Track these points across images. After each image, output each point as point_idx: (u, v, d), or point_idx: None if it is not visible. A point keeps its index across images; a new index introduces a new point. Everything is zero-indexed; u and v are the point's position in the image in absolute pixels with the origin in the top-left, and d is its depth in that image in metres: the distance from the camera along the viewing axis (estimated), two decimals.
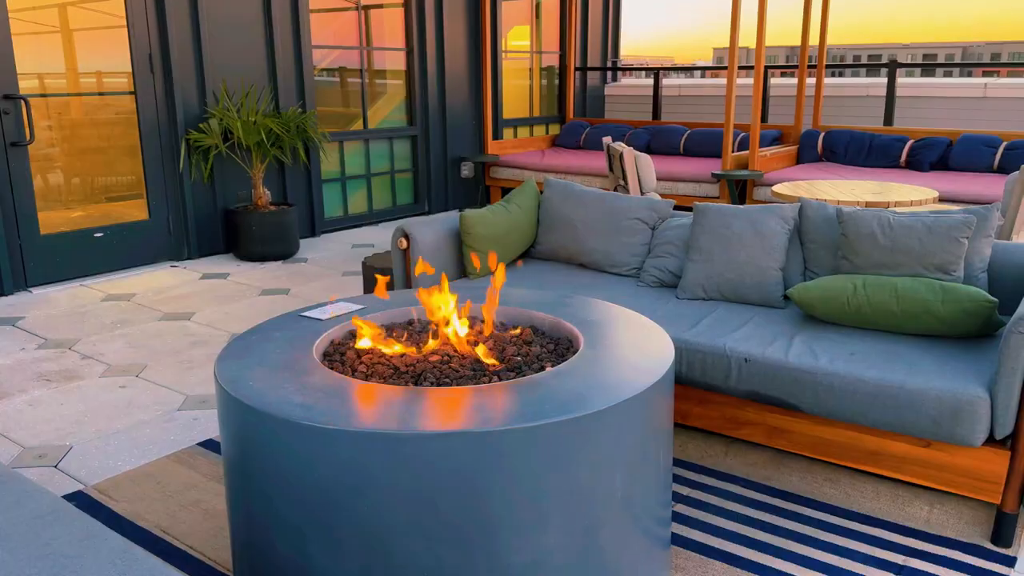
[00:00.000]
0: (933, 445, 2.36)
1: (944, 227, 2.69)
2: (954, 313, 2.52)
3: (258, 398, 1.75)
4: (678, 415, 2.82)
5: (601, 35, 9.52)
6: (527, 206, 3.68)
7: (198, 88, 5.70)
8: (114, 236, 5.42)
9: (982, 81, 7.46)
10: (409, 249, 3.37)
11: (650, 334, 2.16)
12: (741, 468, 2.74)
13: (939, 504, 2.51)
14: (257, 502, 1.79)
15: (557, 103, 9.21)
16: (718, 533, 2.36)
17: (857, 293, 2.64)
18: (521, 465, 1.63)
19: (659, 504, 1.97)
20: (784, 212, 3.04)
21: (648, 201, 3.53)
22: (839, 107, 8.01)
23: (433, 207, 7.76)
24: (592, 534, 1.75)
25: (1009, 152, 6.31)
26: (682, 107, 9.05)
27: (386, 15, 7.16)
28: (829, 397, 2.43)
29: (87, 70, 5.25)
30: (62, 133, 5.16)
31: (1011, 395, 2.20)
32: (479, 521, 1.64)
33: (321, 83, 6.70)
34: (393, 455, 1.61)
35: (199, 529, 2.41)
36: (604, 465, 1.74)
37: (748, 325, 2.78)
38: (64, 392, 3.45)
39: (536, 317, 2.37)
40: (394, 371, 1.98)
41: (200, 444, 2.96)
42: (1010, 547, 2.30)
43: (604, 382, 1.83)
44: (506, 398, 1.74)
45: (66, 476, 2.74)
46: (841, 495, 2.57)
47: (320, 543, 1.70)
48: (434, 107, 7.57)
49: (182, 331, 4.24)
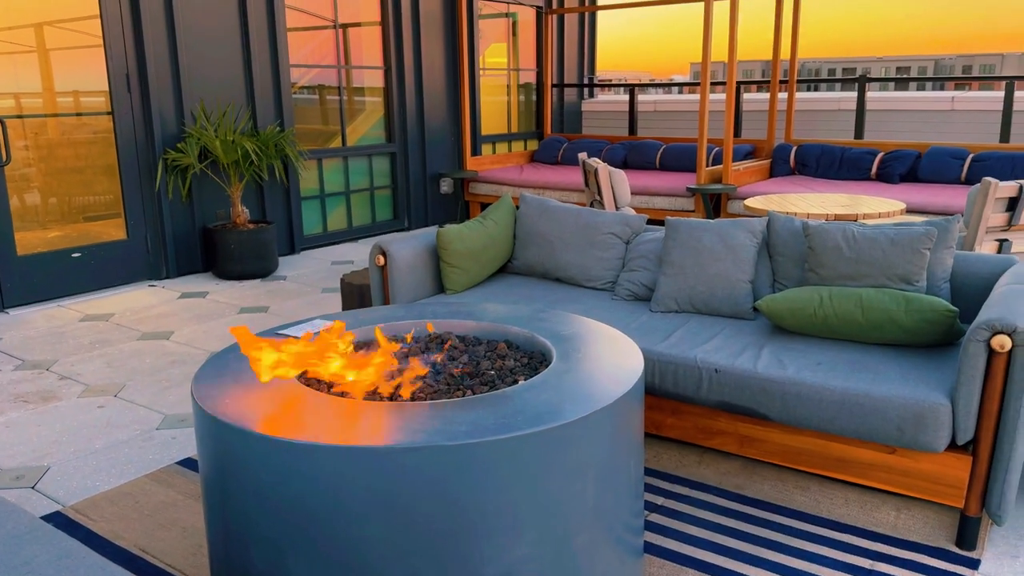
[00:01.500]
0: (898, 451, 2.43)
1: (906, 239, 2.77)
2: (917, 323, 2.59)
3: (234, 414, 1.78)
4: (653, 426, 2.87)
5: (577, 52, 9.64)
6: (503, 222, 3.74)
7: (176, 107, 5.72)
8: (92, 256, 5.41)
9: (950, 95, 7.63)
10: (387, 266, 3.41)
11: (621, 346, 2.21)
12: (714, 477, 2.79)
13: (906, 509, 2.57)
14: (235, 518, 1.81)
15: (535, 119, 9.30)
16: (691, 541, 2.41)
17: (824, 304, 2.71)
18: (494, 476, 1.67)
19: (631, 513, 2.01)
20: (753, 226, 3.12)
21: (622, 216, 3.60)
22: (811, 121, 8.16)
23: (413, 223, 7.80)
24: (565, 543, 1.79)
25: (976, 164, 6.46)
26: (658, 122, 9.18)
27: (364, 33, 7.22)
28: (797, 405, 2.49)
29: (64, 90, 5.26)
30: (39, 153, 5.15)
31: (971, 401, 2.27)
32: (453, 532, 1.67)
33: (300, 101, 6.74)
34: (368, 469, 1.64)
35: (177, 547, 2.42)
36: (576, 475, 1.78)
37: (719, 337, 2.84)
38: (41, 413, 3.45)
39: (511, 331, 2.42)
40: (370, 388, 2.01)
41: (178, 463, 2.97)
42: (974, 550, 2.36)
43: (575, 394, 1.88)
44: (479, 411, 1.78)
45: (44, 497, 2.74)
46: (811, 502, 2.63)
47: (297, 557, 1.72)
48: (413, 124, 7.63)
49: (160, 350, 4.24)
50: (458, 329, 2.48)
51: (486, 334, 2.45)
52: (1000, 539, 2.41)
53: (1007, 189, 3.48)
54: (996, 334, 2.20)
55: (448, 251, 3.48)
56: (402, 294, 3.43)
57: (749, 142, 7.82)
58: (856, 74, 44.34)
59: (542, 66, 9.01)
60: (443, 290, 3.59)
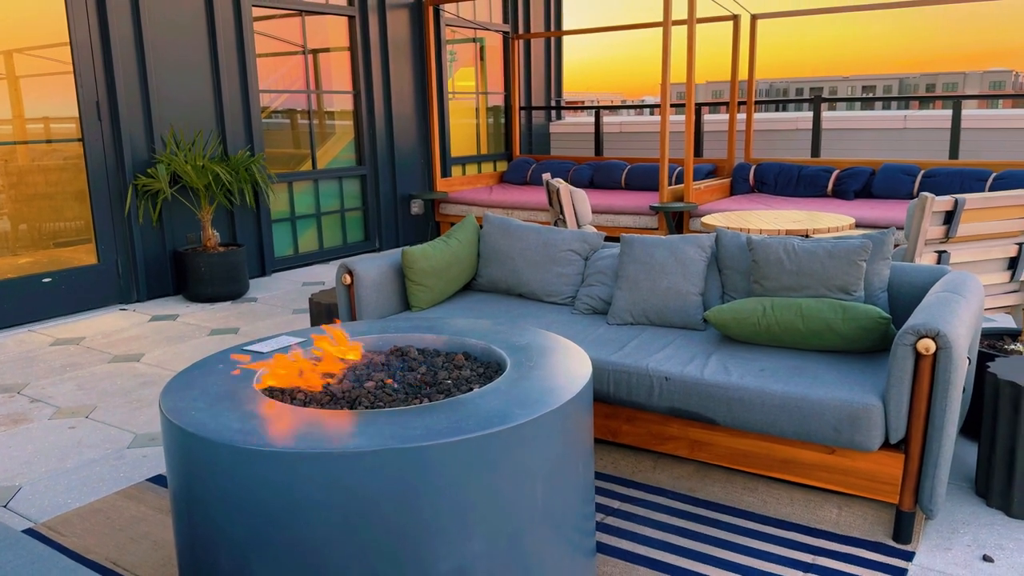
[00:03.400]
0: (837, 452, 2.57)
1: (843, 251, 2.93)
2: (853, 330, 2.75)
3: (199, 425, 1.88)
4: (609, 432, 2.99)
5: (544, 75, 9.86)
6: (467, 240, 3.86)
7: (146, 133, 5.81)
8: (62, 281, 5.46)
9: (902, 114, 7.92)
10: (353, 284, 3.51)
11: (572, 355, 2.34)
12: (668, 481, 2.92)
13: (847, 507, 2.71)
14: (201, 524, 1.90)
15: (504, 141, 9.48)
16: (644, 541, 2.53)
17: (767, 314, 2.86)
18: (446, 477, 1.78)
19: (581, 513, 2.12)
20: (702, 241, 3.27)
21: (581, 234, 3.74)
22: (770, 140, 8.41)
23: (384, 244, 7.91)
24: (516, 541, 1.90)
25: (927, 179, 6.71)
26: (624, 143, 9.39)
27: (333, 59, 7.36)
28: (741, 410, 2.62)
29: (34, 116, 5.32)
30: (8, 180, 5.21)
31: (901, 402, 2.42)
32: (409, 531, 1.78)
33: (270, 125, 6.85)
34: (326, 473, 1.74)
35: (148, 559, 2.49)
36: (525, 475, 1.89)
37: (670, 347, 2.98)
38: (12, 435, 3.49)
39: (468, 343, 2.53)
40: (331, 397, 2.12)
41: (149, 479, 3.03)
42: (909, 543, 2.50)
43: (525, 399, 1.99)
44: (433, 416, 1.89)
45: (16, 515, 2.79)
46: (759, 502, 2.76)
47: (261, 559, 1.82)
48: (383, 147, 7.76)
49: (131, 372, 4.30)
50: (419, 342, 2.59)
51: (445, 346, 2.57)
52: (934, 532, 2.56)
53: (942, 204, 3.66)
54: (921, 338, 2.36)
55: (413, 269, 3.59)
56: (369, 311, 3.53)
57: (710, 161, 8.05)
58: (824, 93, 44.96)
59: (510, 89, 9.21)
60: (409, 307, 3.70)
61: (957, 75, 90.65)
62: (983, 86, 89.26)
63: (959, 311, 2.51)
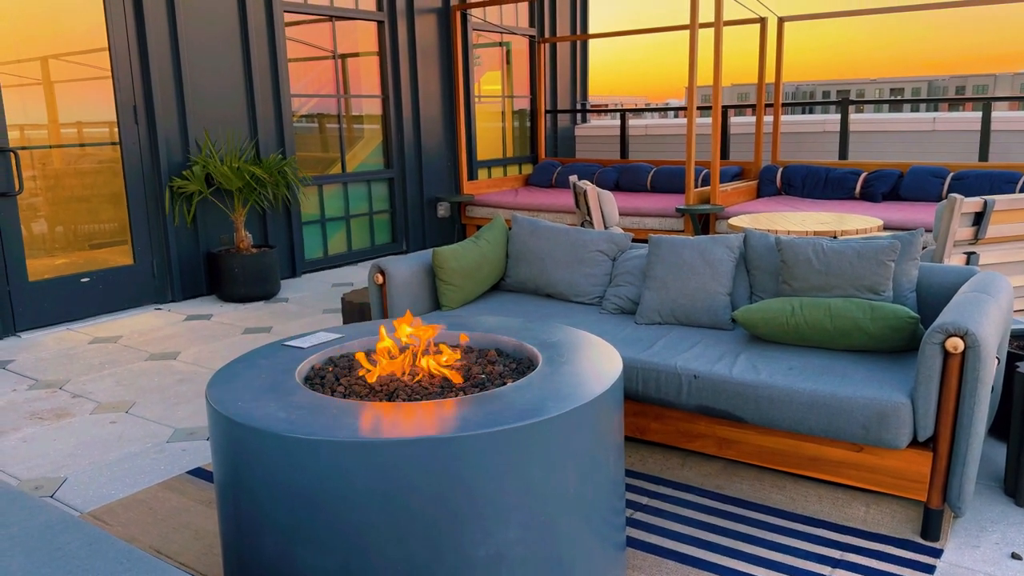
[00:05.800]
0: (865, 449, 2.59)
1: (871, 251, 2.95)
2: (881, 329, 2.77)
3: (245, 415, 1.95)
4: (638, 430, 3.04)
5: (570, 79, 9.91)
6: (496, 241, 3.92)
7: (181, 136, 5.94)
8: (100, 281, 5.60)
9: (931, 116, 7.87)
10: (385, 284, 3.59)
11: (602, 352, 2.39)
12: (696, 478, 2.95)
13: (875, 504, 2.73)
14: (247, 511, 1.98)
15: (529, 144, 9.54)
16: (673, 536, 2.57)
17: (795, 313, 2.89)
18: (482, 467, 1.84)
19: (611, 507, 2.17)
20: (730, 242, 3.30)
21: (608, 234, 3.79)
22: (797, 143, 8.40)
23: (411, 246, 8.00)
24: (549, 530, 1.95)
25: (956, 182, 6.67)
26: (649, 146, 9.42)
27: (362, 63, 7.47)
28: (769, 408, 2.66)
29: (69, 121, 5.47)
30: (46, 183, 5.36)
31: (929, 400, 2.44)
32: (446, 518, 1.84)
33: (300, 129, 6.97)
34: (368, 461, 1.81)
35: (191, 548, 2.58)
36: (558, 467, 1.95)
37: (698, 346, 3.02)
38: (56, 429, 3.61)
39: (501, 340, 2.59)
40: (369, 390, 2.19)
41: (189, 472, 3.13)
42: (938, 540, 2.52)
43: (557, 393, 2.05)
44: (470, 409, 1.96)
45: (62, 505, 2.89)
46: (787, 499, 2.79)
47: (304, 544, 1.89)
48: (410, 150, 7.86)
49: (168, 370, 4.41)
50: (452, 339, 2.66)
51: (478, 343, 2.63)
52: (962, 530, 2.57)
53: (971, 205, 3.67)
54: (950, 337, 2.38)
55: (444, 269, 3.66)
56: (400, 310, 3.61)
57: (737, 164, 8.05)
58: (851, 96, 44.21)
59: (536, 93, 9.27)
60: (439, 306, 3.77)
61: (987, 77, 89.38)
62: (1014, 88, 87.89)
63: (988, 310, 2.53)
